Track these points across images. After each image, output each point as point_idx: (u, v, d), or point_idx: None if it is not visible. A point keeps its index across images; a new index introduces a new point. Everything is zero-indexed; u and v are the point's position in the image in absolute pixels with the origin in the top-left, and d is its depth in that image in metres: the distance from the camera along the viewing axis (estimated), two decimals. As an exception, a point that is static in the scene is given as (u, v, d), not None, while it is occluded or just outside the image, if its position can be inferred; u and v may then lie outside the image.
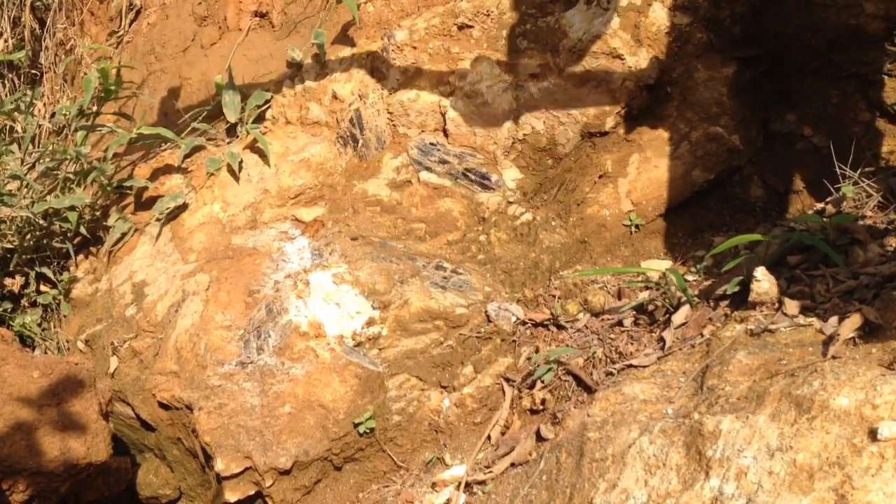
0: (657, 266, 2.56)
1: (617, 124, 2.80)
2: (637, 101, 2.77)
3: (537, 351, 2.45)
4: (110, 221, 3.16)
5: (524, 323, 2.56)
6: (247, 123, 3.18)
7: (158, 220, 3.07)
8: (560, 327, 2.50)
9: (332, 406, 2.43)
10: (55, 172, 3.20)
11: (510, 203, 2.83)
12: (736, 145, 2.78)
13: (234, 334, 2.61)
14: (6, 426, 2.11)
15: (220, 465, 2.38)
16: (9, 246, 3.08)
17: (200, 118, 3.41)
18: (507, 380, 2.44)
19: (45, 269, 3.15)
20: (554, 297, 2.63)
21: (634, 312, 2.39)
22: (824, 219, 2.20)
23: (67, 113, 3.33)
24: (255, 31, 3.50)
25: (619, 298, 2.52)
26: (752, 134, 2.83)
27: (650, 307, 2.35)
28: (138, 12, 3.88)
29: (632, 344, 2.25)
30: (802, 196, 2.81)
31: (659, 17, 2.71)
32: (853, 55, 2.67)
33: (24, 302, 3.16)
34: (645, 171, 2.84)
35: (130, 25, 3.86)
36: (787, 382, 1.62)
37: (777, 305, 1.98)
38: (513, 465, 2.16)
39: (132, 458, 2.79)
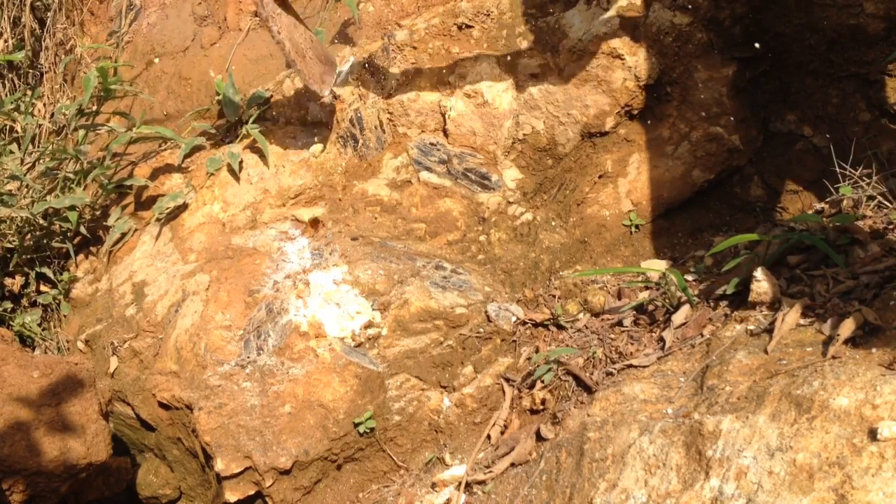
0: (657, 266, 2.56)
1: (617, 124, 2.80)
2: (637, 101, 2.77)
3: (537, 351, 2.45)
4: (110, 221, 3.16)
5: (524, 323, 2.56)
6: (247, 123, 3.18)
7: (158, 219, 3.07)
8: (560, 327, 2.50)
9: (332, 406, 2.43)
10: (55, 172, 3.20)
11: (510, 203, 2.83)
12: (736, 145, 2.78)
13: (234, 334, 2.61)
14: (6, 426, 2.11)
15: (220, 465, 2.38)
16: (9, 246, 3.08)
17: (200, 118, 3.41)
18: (507, 380, 2.44)
19: (45, 269, 3.15)
20: (554, 297, 2.63)
21: (634, 312, 2.39)
22: (824, 219, 2.20)
23: (67, 112, 3.33)
24: (255, 31, 3.50)
25: (619, 298, 2.52)
26: (752, 134, 2.83)
27: (650, 307, 2.35)
28: (138, 12, 3.88)
29: (632, 344, 2.25)
30: (802, 196, 2.81)
31: (659, 17, 2.71)
32: (853, 55, 2.67)
33: (24, 302, 3.16)
34: (645, 171, 2.84)
35: (130, 25, 3.86)
36: (787, 382, 1.62)
37: (777, 305, 1.97)
38: (513, 465, 2.16)
39: (132, 458, 2.79)
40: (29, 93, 3.67)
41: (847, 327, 1.72)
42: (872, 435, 1.41)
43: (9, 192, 3.10)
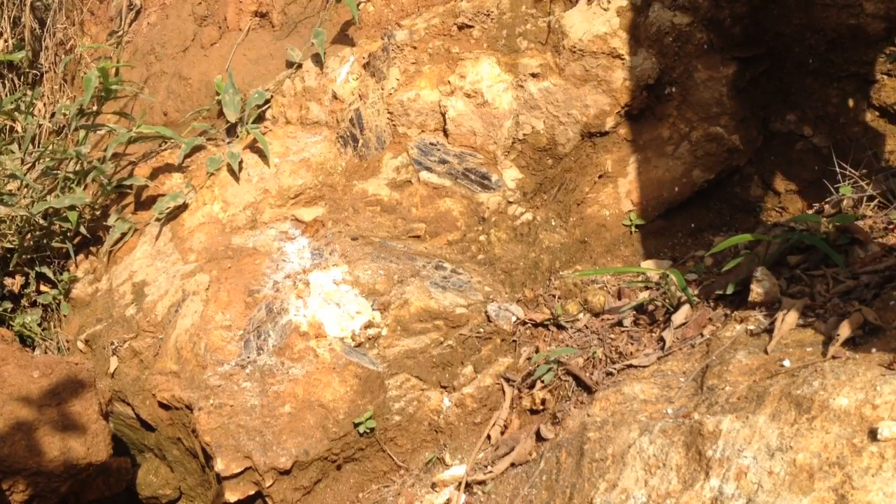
0: (657, 266, 2.56)
1: (617, 124, 2.80)
2: (637, 101, 2.77)
3: (537, 351, 2.45)
4: (110, 221, 3.16)
5: (524, 323, 2.56)
6: (247, 123, 3.18)
7: (158, 219, 3.07)
8: (560, 327, 2.50)
9: (332, 406, 2.43)
10: (55, 172, 3.20)
11: (510, 203, 2.83)
12: (736, 145, 2.78)
13: (234, 334, 2.61)
14: (6, 426, 2.11)
15: (220, 465, 2.38)
16: (9, 246, 3.08)
17: (200, 118, 3.41)
18: (507, 380, 2.44)
19: (45, 269, 3.15)
20: (554, 297, 2.63)
21: (634, 312, 2.39)
22: (824, 219, 2.20)
23: (67, 112, 3.33)
24: (255, 31, 3.50)
25: (619, 298, 2.52)
26: (752, 134, 2.83)
27: (650, 307, 2.35)
28: (138, 12, 3.88)
29: (632, 344, 2.25)
30: (802, 196, 2.81)
31: (659, 17, 2.71)
32: (853, 55, 2.67)
33: (24, 302, 3.16)
34: (645, 171, 2.84)
35: (130, 25, 3.86)
36: (787, 382, 1.62)
37: (777, 305, 1.97)
38: (513, 465, 2.16)
39: (132, 458, 2.79)
40: (29, 93, 3.67)
41: (847, 327, 1.72)
42: (872, 435, 1.41)
43: (9, 192, 3.10)
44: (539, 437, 2.15)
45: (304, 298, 2.60)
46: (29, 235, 3.13)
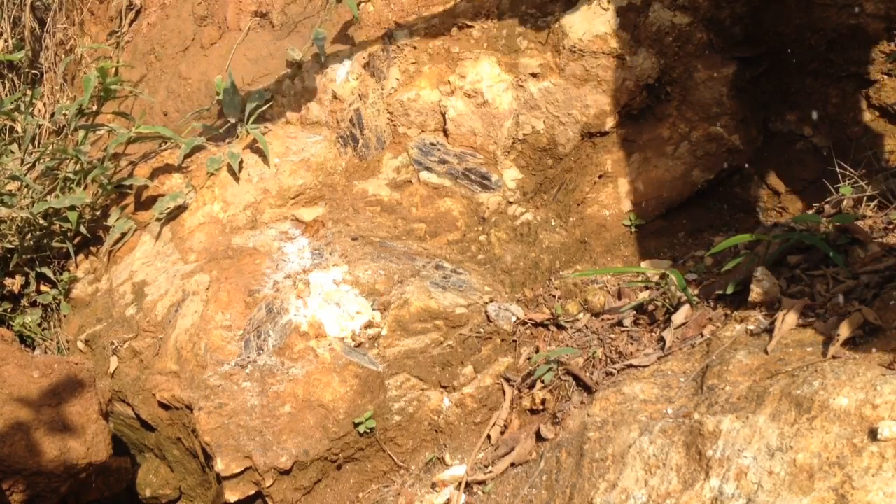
0: (657, 266, 2.56)
1: (617, 124, 2.80)
2: (637, 101, 2.77)
3: (537, 351, 2.45)
4: (110, 221, 3.16)
5: (524, 323, 2.56)
6: (247, 123, 3.18)
7: (158, 219, 3.07)
8: (560, 327, 2.50)
9: (332, 406, 2.43)
10: (55, 172, 3.20)
11: (510, 203, 2.83)
12: (736, 145, 2.78)
13: (234, 334, 2.61)
14: (6, 426, 2.11)
15: (220, 465, 2.38)
16: (9, 246, 3.08)
17: (200, 118, 3.40)
18: (507, 380, 2.44)
19: (45, 269, 3.15)
20: (554, 297, 2.63)
21: (634, 312, 2.39)
22: (824, 219, 2.20)
23: (67, 112, 3.33)
24: (255, 31, 3.50)
25: (619, 298, 2.52)
26: (752, 134, 2.83)
27: (650, 307, 2.35)
28: (138, 12, 3.88)
29: (632, 344, 2.25)
30: (802, 196, 2.81)
31: (659, 17, 2.71)
32: (853, 55, 2.67)
33: (24, 302, 3.15)
34: (645, 171, 2.84)
35: (130, 25, 3.86)
36: (787, 382, 1.62)
37: (777, 305, 1.97)
38: (513, 465, 2.16)
39: (132, 458, 2.79)
40: (29, 93, 3.67)
41: (847, 327, 1.72)
42: (872, 435, 1.41)
43: (9, 192, 3.10)
44: (539, 437, 2.16)
45: (304, 298, 2.60)
46: (29, 235, 3.13)
